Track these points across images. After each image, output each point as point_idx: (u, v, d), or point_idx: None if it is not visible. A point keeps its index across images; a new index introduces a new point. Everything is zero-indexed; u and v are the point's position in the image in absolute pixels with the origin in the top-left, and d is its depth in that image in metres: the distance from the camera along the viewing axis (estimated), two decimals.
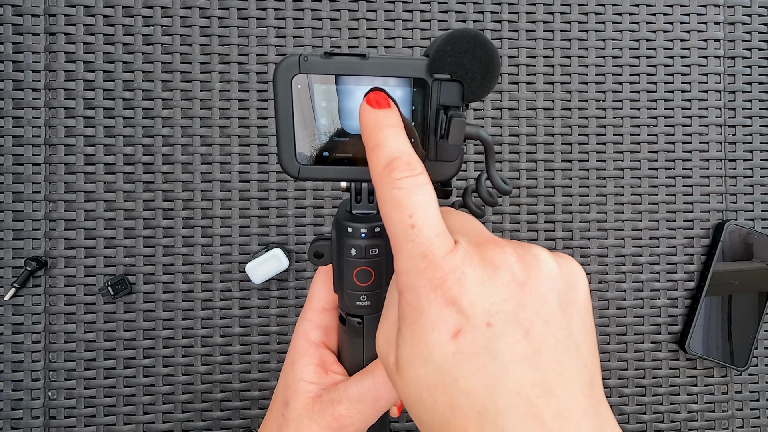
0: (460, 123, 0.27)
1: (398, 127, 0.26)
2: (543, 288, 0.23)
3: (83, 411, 0.62)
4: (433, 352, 0.22)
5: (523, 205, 0.66)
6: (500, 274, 0.22)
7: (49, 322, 0.62)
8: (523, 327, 0.22)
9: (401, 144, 0.25)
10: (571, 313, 0.23)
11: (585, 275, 0.25)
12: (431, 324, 0.22)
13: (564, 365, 0.21)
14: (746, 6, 0.67)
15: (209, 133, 0.63)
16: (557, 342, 0.22)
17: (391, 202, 0.24)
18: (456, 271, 0.22)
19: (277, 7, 0.64)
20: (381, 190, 0.25)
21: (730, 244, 0.65)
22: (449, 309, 0.22)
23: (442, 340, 0.22)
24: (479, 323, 0.21)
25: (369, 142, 0.26)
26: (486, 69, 0.27)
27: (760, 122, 0.67)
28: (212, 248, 0.63)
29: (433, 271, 0.22)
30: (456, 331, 0.22)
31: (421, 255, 0.23)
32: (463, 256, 0.23)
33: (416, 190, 0.24)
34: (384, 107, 0.27)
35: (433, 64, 0.27)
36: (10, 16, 0.62)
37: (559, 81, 0.66)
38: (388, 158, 0.25)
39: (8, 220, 0.62)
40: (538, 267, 0.23)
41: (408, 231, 0.23)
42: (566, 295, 0.23)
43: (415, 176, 0.24)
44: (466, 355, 0.21)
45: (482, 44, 0.27)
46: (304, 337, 0.34)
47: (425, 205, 0.24)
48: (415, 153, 0.25)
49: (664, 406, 0.66)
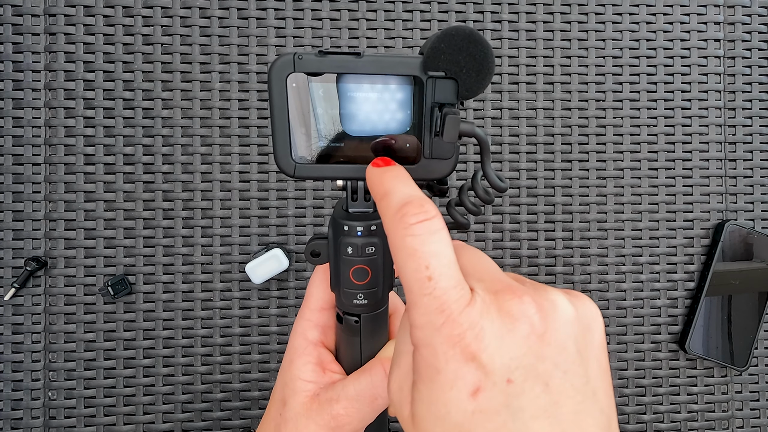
0: (455, 120, 0.26)
1: (406, 176, 0.26)
2: (561, 336, 0.22)
3: (83, 411, 0.62)
4: (451, 410, 0.21)
5: (523, 205, 0.66)
6: (519, 326, 0.21)
7: (49, 322, 0.62)
8: (543, 380, 0.21)
9: (411, 189, 0.25)
10: (587, 357, 0.23)
11: (600, 315, 0.24)
12: (449, 382, 0.21)
13: (582, 415, 0.21)
14: (746, 6, 0.67)
15: (209, 133, 0.63)
16: (575, 392, 0.21)
17: (406, 250, 0.23)
18: (475, 326, 0.21)
19: (277, 7, 0.64)
20: (394, 237, 0.24)
21: (730, 244, 0.65)
22: (468, 366, 0.21)
23: (461, 398, 0.21)
24: (499, 380, 0.21)
25: (377, 192, 0.26)
26: (480, 66, 0.27)
27: (760, 122, 0.67)
28: (212, 248, 0.63)
29: (451, 327, 0.21)
30: (475, 388, 0.21)
31: (437, 309, 0.22)
32: (480, 309, 0.22)
33: (432, 237, 0.23)
34: (388, 165, 0.27)
35: (428, 61, 0.27)
36: (10, 16, 0.62)
37: (559, 81, 0.66)
38: (399, 203, 0.24)
39: (8, 220, 0.62)
40: (555, 314, 0.22)
41: (424, 283, 0.22)
42: (583, 340, 0.23)
43: (430, 220, 0.23)
44: (486, 414, 0.21)
45: (476, 41, 0.27)
46: (302, 336, 0.34)
47: (442, 254, 0.23)
48: (426, 197, 0.24)
49: (664, 406, 0.66)
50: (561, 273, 0.66)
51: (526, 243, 0.66)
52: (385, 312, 0.35)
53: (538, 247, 0.66)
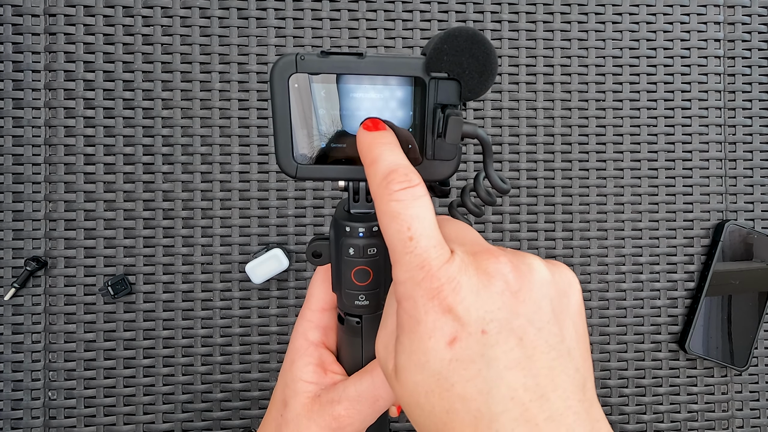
0: (458, 122, 0.27)
1: (393, 144, 0.27)
2: (536, 296, 0.23)
3: (83, 411, 0.62)
4: (430, 359, 0.23)
5: (523, 205, 0.66)
6: (494, 282, 0.23)
7: (49, 322, 0.62)
8: (517, 334, 0.22)
9: (398, 157, 0.26)
10: (563, 319, 0.24)
11: (578, 282, 0.26)
12: (428, 332, 0.23)
13: (556, 370, 0.22)
14: (746, 6, 0.67)
15: (209, 133, 0.63)
16: (549, 348, 0.23)
17: (390, 214, 0.24)
18: (452, 280, 0.23)
19: (277, 7, 0.64)
20: (379, 202, 0.25)
21: (730, 244, 0.65)
22: (445, 317, 0.23)
23: (439, 347, 0.23)
24: (474, 331, 0.22)
25: (366, 158, 0.27)
26: (483, 67, 0.27)
27: (760, 122, 0.67)
28: (212, 248, 0.63)
29: (430, 281, 0.23)
30: (452, 338, 0.22)
31: (418, 266, 0.23)
32: (458, 266, 0.23)
33: (414, 202, 0.24)
34: (379, 129, 0.28)
35: (430, 62, 0.27)
36: (10, 16, 0.62)
37: (559, 81, 0.66)
38: (386, 171, 0.25)
39: (8, 220, 0.62)
40: (531, 275, 0.24)
41: (406, 243, 0.24)
42: (559, 302, 0.24)
43: (413, 187, 0.25)
44: (462, 362, 0.22)
45: (479, 42, 0.27)
46: (303, 337, 0.34)
47: (423, 217, 0.24)
48: (411, 165, 0.26)
49: (664, 406, 0.66)
50: None
51: (526, 243, 0.66)
52: None
53: (538, 247, 0.66)
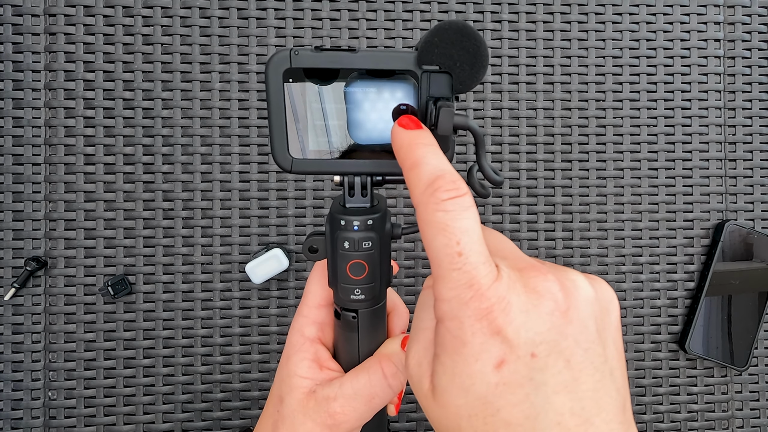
0: (449, 113, 0.27)
1: (436, 146, 0.26)
2: (582, 315, 0.23)
3: (83, 411, 0.62)
4: (475, 382, 0.22)
5: (523, 205, 0.66)
6: (544, 303, 0.22)
7: (49, 322, 0.62)
8: (565, 356, 0.22)
9: (443, 162, 0.25)
10: (605, 337, 0.23)
11: (616, 298, 0.25)
12: (475, 354, 0.22)
13: (600, 392, 0.22)
14: (746, 6, 0.67)
15: (209, 133, 0.63)
16: (594, 370, 0.22)
17: (436, 225, 0.23)
18: (502, 301, 0.22)
19: (277, 7, 0.64)
20: (424, 211, 0.24)
21: (730, 244, 0.65)
22: (494, 339, 0.22)
23: (486, 370, 0.22)
24: (524, 354, 0.21)
25: (407, 161, 0.25)
26: (474, 59, 0.27)
27: (760, 122, 0.67)
28: (212, 248, 0.63)
29: (479, 301, 0.22)
30: (500, 361, 0.22)
31: (467, 284, 0.22)
32: (507, 285, 0.22)
33: (463, 213, 0.23)
34: (417, 128, 0.26)
35: (422, 55, 0.28)
36: (10, 16, 0.62)
37: (559, 81, 0.66)
38: (431, 177, 0.24)
39: (8, 220, 0.62)
40: (577, 293, 0.23)
41: (454, 258, 0.22)
42: (601, 320, 0.23)
43: (462, 197, 0.23)
44: (509, 386, 0.21)
45: (469, 35, 0.27)
46: (299, 332, 0.34)
47: (472, 230, 0.23)
48: (456, 172, 0.25)
49: (664, 406, 0.66)
50: None
51: (526, 243, 0.66)
52: (383, 308, 0.35)
53: (538, 247, 0.66)
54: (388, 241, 0.32)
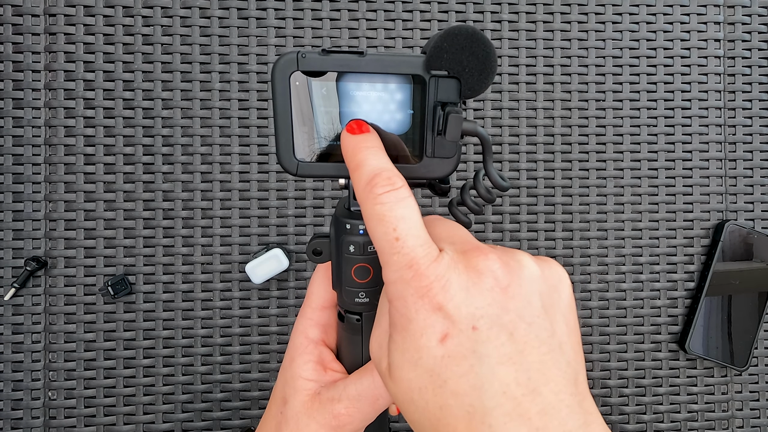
0: (458, 119, 0.27)
1: (377, 148, 0.27)
2: (525, 291, 0.24)
3: (83, 411, 0.62)
4: (422, 356, 0.23)
5: (523, 205, 0.66)
6: (484, 279, 0.23)
7: (49, 322, 0.62)
8: (508, 329, 0.22)
9: (381, 161, 0.26)
10: (553, 314, 0.24)
11: (568, 277, 0.26)
12: (420, 330, 0.23)
13: (547, 364, 0.23)
14: (746, 6, 0.67)
15: (209, 133, 0.63)
16: (540, 342, 0.23)
17: (375, 217, 0.25)
18: (441, 278, 0.23)
19: (277, 7, 0.64)
20: (364, 206, 0.25)
21: (730, 244, 0.65)
22: (436, 315, 0.23)
23: (431, 344, 0.23)
24: (465, 327, 0.22)
25: (350, 163, 0.27)
26: (483, 65, 0.27)
27: (760, 122, 0.67)
28: (212, 248, 0.63)
29: (419, 280, 0.23)
30: (443, 335, 0.23)
31: (406, 265, 0.24)
32: (447, 264, 0.24)
33: (398, 203, 0.25)
34: (363, 132, 0.28)
35: (431, 60, 0.27)
36: (10, 16, 0.62)
37: (559, 81, 0.66)
38: (370, 175, 0.26)
39: (8, 220, 0.62)
40: (520, 271, 0.24)
41: (393, 243, 0.24)
42: (549, 297, 0.24)
43: (396, 190, 0.25)
44: (454, 358, 0.22)
45: (479, 41, 0.27)
46: (303, 334, 0.34)
47: (408, 217, 0.24)
48: (395, 168, 0.26)
49: (664, 406, 0.66)
50: None
51: (526, 243, 0.66)
52: None
53: (538, 247, 0.66)
54: None
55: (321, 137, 0.30)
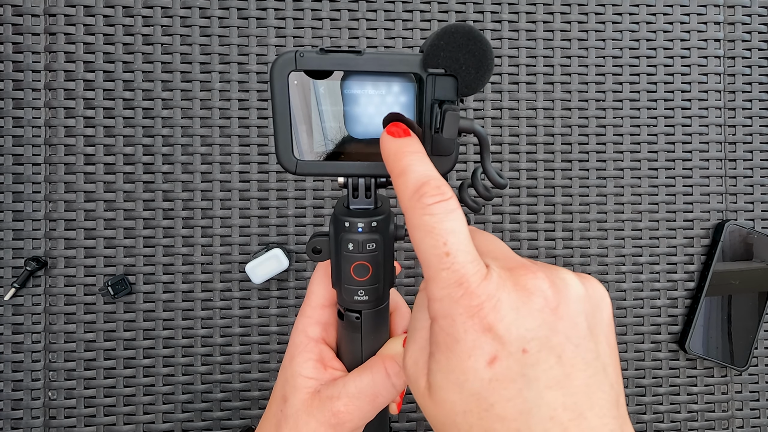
0: (455, 117, 0.27)
1: (422, 153, 0.26)
2: (572, 311, 0.23)
3: (83, 411, 0.62)
4: (469, 378, 0.22)
5: (523, 205, 0.66)
6: (534, 300, 0.23)
7: (49, 322, 0.62)
8: (556, 352, 0.22)
9: (428, 168, 0.25)
10: (597, 334, 0.24)
11: (608, 296, 0.25)
12: (467, 351, 0.22)
13: (593, 387, 0.22)
14: (746, 6, 0.67)
15: (209, 133, 0.63)
16: (586, 365, 0.22)
17: (424, 228, 0.24)
18: (492, 298, 0.22)
19: (277, 7, 0.64)
20: (412, 216, 0.24)
21: (730, 244, 0.65)
22: (485, 336, 0.22)
23: (479, 366, 0.22)
24: (515, 350, 0.22)
25: (395, 169, 0.26)
26: (480, 63, 0.27)
27: (760, 122, 0.68)
28: (212, 248, 0.63)
29: (469, 299, 0.22)
30: (492, 357, 0.22)
31: (456, 282, 0.23)
32: (497, 283, 0.23)
33: (449, 215, 0.24)
34: (405, 136, 0.27)
35: (428, 58, 0.28)
36: (10, 16, 0.62)
37: (559, 81, 0.66)
38: (417, 183, 0.25)
39: (8, 220, 0.62)
40: (567, 291, 0.23)
41: (442, 258, 0.23)
42: (593, 317, 0.24)
43: (447, 201, 0.24)
44: (502, 382, 0.22)
45: (476, 38, 0.27)
46: (303, 333, 0.34)
47: (458, 231, 0.24)
48: (442, 177, 0.25)
49: (664, 406, 0.66)
50: None
51: (526, 243, 0.66)
52: (386, 309, 0.35)
53: (538, 247, 0.66)
54: (391, 242, 0.32)
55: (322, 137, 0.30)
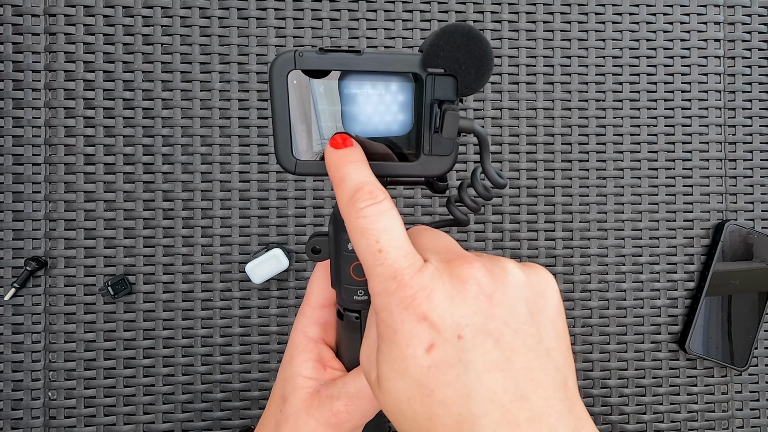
0: (454, 116, 0.27)
1: (360, 162, 0.28)
2: (511, 298, 0.24)
3: (83, 411, 0.62)
4: (409, 366, 0.23)
5: (523, 205, 0.66)
6: (468, 288, 0.23)
7: (49, 322, 0.62)
8: (493, 337, 0.23)
9: (363, 175, 0.27)
10: (540, 319, 0.24)
11: (555, 283, 0.26)
12: (405, 340, 0.23)
13: (535, 371, 0.23)
14: (746, 6, 0.67)
15: (209, 133, 0.63)
16: (527, 349, 0.23)
17: (358, 230, 0.25)
18: (425, 288, 0.23)
19: (277, 7, 0.64)
20: (348, 220, 0.26)
21: (730, 244, 0.65)
22: (421, 325, 0.23)
23: (417, 354, 0.23)
24: (450, 336, 0.22)
25: (334, 177, 0.28)
26: (479, 63, 0.27)
27: (760, 122, 0.67)
28: (212, 248, 0.63)
29: (403, 290, 0.23)
30: (429, 345, 0.23)
31: (390, 276, 0.24)
32: (432, 274, 0.24)
33: (380, 216, 0.25)
34: (346, 146, 0.28)
35: (427, 58, 0.28)
36: (10, 16, 0.62)
37: (559, 81, 0.66)
38: (352, 189, 0.26)
39: (8, 220, 0.62)
40: (505, 278, 0.24)
41: (376, 255, 0.24)
42: (535, 303, 0.24)
43: (378, 203, 0.25)
44: (440, 368, 0.22)
45: (475, 38, 0.27)
46: (303, 333, 0.34)
47: (390, 229, 0.25)
48: (377, 181, 0.27)
49: (664, 406, 0.66)
50: (561, 273, 0.66)
51: (526, 243, 0.66)
52: None
53: (538, 247, 0.66)
54: None
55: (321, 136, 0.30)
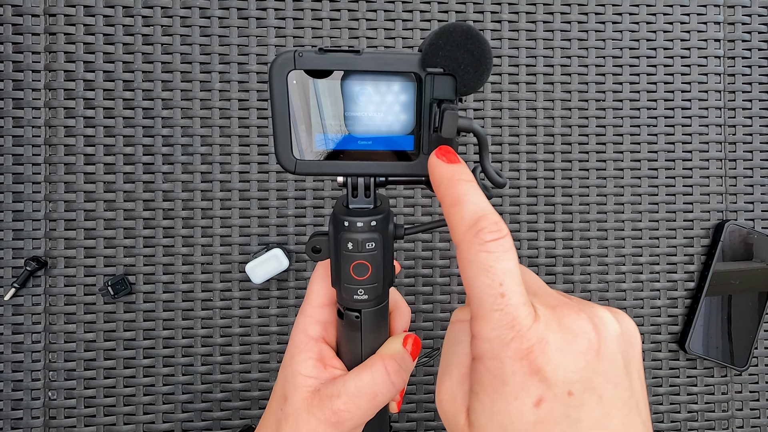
0: (453, 116, 0.27)
1: (475, 183, 0.26)
2: (612, 351, 0.23)
3: (83, 411, 0.62)
4: (514, 420, 0.22)
5: (523, 205, 0.66)
6: (579, 341, 0.23)
7: (49, 322, 0.62)
8: (597, 393, 0.22)
9: (483, 201, 0.25)
10: (631, 371, 0.24)
11: (638, 331, 0.26)
12: (514, 393, 0.22)
13: (627, 426, 0.22)
14: (746, 6, 0.67)
15: (209, 133, 0.63)
16: (623, 405, 0.23)
17: (479, 265, 0.23)
18: (541, 341, 0.22)
19: (277, 7, 0.64)
20: (467, 251, 0.24)
21: (730, 244, 0.65)
22: (533, 378, 0.22)
23: (525, 408, 0.22)
24: (561, 392, 0.22)
25: (447, 197, 0.26)
26: (478, 62, 0.27)
27: (760, 122, 0.67)
28: (212, 248, 0.63)
29: (520, 342, 0.22)
30: (538, 399, 0.22)
31: (508, 325, 0.23)
32: (545, 325, 0.23)
33: (505, 254, 0.23)
34: (456, 162, 0.27)
35: (426, 58, 0.28)
36: (10, 16, 0.62)
37: (559, 81, 0.66)
38: (474, 217, 0.24)
39: (8, 220, 0.62)
40: (606, 331, 0.23)
41: (497, 299, 0.23)
42: (628, 354, 0.24)
43: (503, 238, 0.24)
44: (547, 424, 0.22)
45: (474, 37, 0.27)
46: (303, 332, 0.34)
47: (514, 272, 0.23)
48: (495, 211, 0.25)
49: (664, 406, 0.66)
50: (561, 273, 0.66)
51: (526, 243, 0.66)
52: (386, 308, 0.35)
53: (538, 247, 0.66)
54: (391, 241, 0.32)
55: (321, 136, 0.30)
